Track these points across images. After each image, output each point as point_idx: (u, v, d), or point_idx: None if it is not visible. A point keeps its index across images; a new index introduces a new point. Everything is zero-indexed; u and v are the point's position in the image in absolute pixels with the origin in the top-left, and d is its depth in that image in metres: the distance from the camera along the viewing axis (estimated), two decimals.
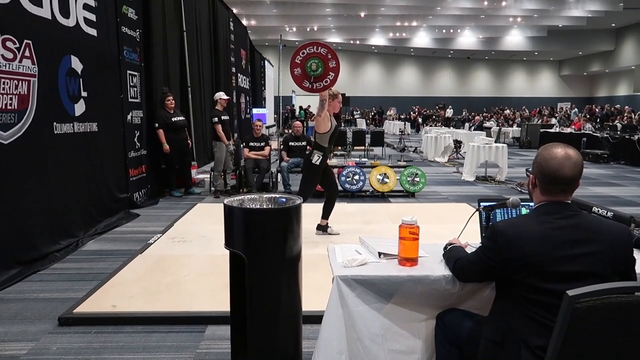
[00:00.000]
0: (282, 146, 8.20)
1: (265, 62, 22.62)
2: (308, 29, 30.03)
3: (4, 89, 3.90)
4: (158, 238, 4.90)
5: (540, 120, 21.54)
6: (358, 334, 2.01)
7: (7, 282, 3.68)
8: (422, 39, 32.11)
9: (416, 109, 32.04)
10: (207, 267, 4.02)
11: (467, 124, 22.33)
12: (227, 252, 2.14)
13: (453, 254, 1.97)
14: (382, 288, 1.99)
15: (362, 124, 25.93)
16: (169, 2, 8.12)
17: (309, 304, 2.44)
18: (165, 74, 7.91)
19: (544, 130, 17.03)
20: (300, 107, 28.73)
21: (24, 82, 4.14)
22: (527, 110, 27.88)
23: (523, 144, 17.74)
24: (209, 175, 7.89)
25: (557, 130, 16.84)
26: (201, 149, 10.11)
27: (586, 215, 1.68)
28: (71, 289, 3.59)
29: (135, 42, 6.62)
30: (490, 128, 19.26)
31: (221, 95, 7.69)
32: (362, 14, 26.67)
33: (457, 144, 13.45)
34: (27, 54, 4.17)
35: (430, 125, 21.22)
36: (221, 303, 3.09)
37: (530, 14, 26.18)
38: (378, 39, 32.14)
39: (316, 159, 4.53)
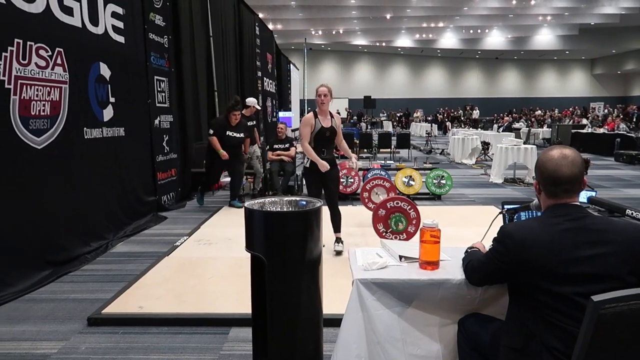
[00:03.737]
0: None
1: (291, 65, 22.75)
2: (334, 32, 30.11)
3: (37, 95, 4.04)
4: (184, 240, 4.98)
5: (571, 120, 21.02)
6: (378, 338, 1.99)
7: (39, 282, 3.80)
8: (449, 40, 31.78)
9: (443, 110, 31.66)
10: (231, 270, 4.06)
11: (495, 125, 21.96)
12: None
13: (469, 257, 1.95)
14: (403, 292, 1.98)
15: (388, 126, 25.82)
16: (195, 9, 8.26)
17: (330, 307, 2.44)
18: (193, 78, 8.04)
19: (575, 130, 16.62)
20: None
21: (56, 89, 4.28)
22: (557, 111, 27.24)
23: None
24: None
25: (590, 130, 16.40)
26: None
27: (596, 217, 1.65)
28: (100, 290, 3.69)
29: (163, 48, 6.75)
30: (519, 129, 18.88)
31: (254, 103, 7.60)
32: (388, 16, 26.55)
33: (485, 145, 13.25)
34: (58, 61, 4.31)
35: (458, 127, 20.94)
36: (245, 305, 3.10)
37: (560, 12, 25.61)
38: (404, 41, 31.94)
39: (305, 161, 4.50)
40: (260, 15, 16.27)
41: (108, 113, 5.14)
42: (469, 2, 24.12)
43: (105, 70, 5.09)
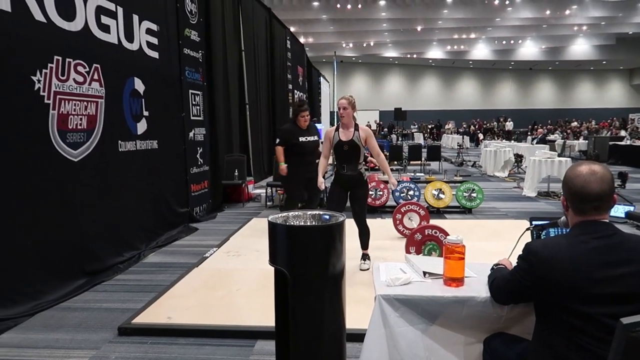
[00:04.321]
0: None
1: (321, 78, 22.93)
2: (364, 44, 30.24)
3: (75, 110, 4.20)
4: (214, 252, 5.05)
5: (609, 132, 20.39)
6: (401, 355, 1.97)
7: (74, 291, 3.92)
8: (481, 51, 31.47)
9: (475, 122, 31.23)
10: (259, 282, 4.09)
11: (529, 137, 21.51)
12: None
13: (494, 274, 1.91)
14: (426, 309, 1.96)
15: (419, 138, 25.63)
16: (228, 24, 8.46)
17: (354, 322, 2.43)
18: (225, 92, 8.21)
19: (613, 143, 16.11)
20: None
21: (92, 103, 4.44)
22: (594, 122, 26.48)
23: (590, 158, 16.82)
24: (264, 191, 8.06)
25: (628, 142, 15.87)
26: (258, 165, 10.36)
27: (626, 234, 1.60)
28: (131, 300, 3.77)
29: (198, 63, 6.93)
30: (554, 141, 18.44)
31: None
32: (419, 28, 26.52)
33: (518, 158, 12.98)
34: (95, 77, 4.48)
35: (490, 139, 20.60)
36: (271, 318, 3.09)
37: (596, 21, 25.04)
38: (435, 52, 31.81)
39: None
40: (292, 29, 16.51)
41: (142, 126, 5.30)
42: (502, 13, 23.86)
43: (139, 85, 5.25)
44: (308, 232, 2.11)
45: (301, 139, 5.36)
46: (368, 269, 4.37)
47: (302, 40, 21.36)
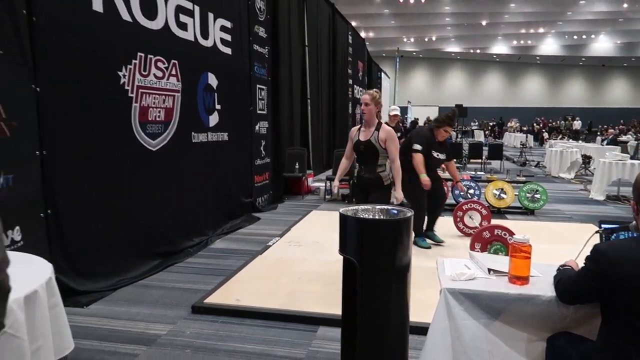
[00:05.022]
0: None
1: (381, 73, 22.83)
2: (426, 39, 29.78)
3: (154, 103, 4.51)
4: (276, 241, 5.26)
5: None
6: (464, 347, 2.05)
7: (150, 271, 4.24)
8: (549, 46, 30.18)
9: (540, 120, 30.03)
10: (319, 272, 4.25)
11: (598, 138, 20.47)
12: (338, 258, 2.30)
13: (560, 275, 1.94)
14: (490, 304, 2.02)
15: (480, 136, 25.00)
16: (293, 20, 8.66)
17: (414, 316, 2.51)
18: (289, 86, 8.44)
19: None
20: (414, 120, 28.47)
21: (170, 97, 4.75)
22: None
23: None
24: (323, 184, 8.24)
25: None
26: (317, 158, 10.55)
27: None
28: (202, 282, 4.03)
29: (264, 58, 7.17)
30: (626, 142, 17.47)
31: (394, 110, 7.32)
32: (484, 22, 25.79)
33: (586, 159, 12.44)
34: (173, 72, 4.78)
35: (556, 138, 19.78)
36: (331, 306, 3.31)
37: None
38: (500, 47, 30.84)
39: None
40: (353, 24, 16.55)
41: (214, 119, 5.59)
42: (573, 7, 22.77)
43: (212, 80, 5.54)
44: (377, 225, 2.22)
45: (434, 153, 4.97)
46: None
47: (362, 34, 21.34)
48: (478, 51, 32.01)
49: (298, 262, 4.56)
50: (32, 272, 2.07)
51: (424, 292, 3.23)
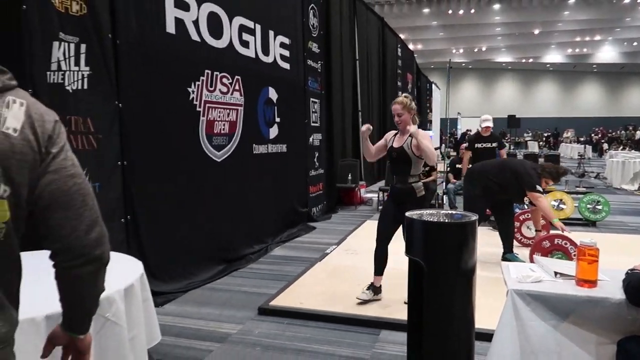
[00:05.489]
0: (448, 168, 8.27)
1: (430, 84, 22.72)
2: (476, 50, 29.42)
3: (219, 117, 4.78)
4: (333, 249, 5.39)
5: None
6: (532, 347, 2.09)
7: (216, 275, 4.47)
8: (607, 54, 29.08)
9: (598, 130, 28.87)
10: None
11: None
12: (394, 266, 2.39)
13: (629, 278, 1.95)
14: (558, 306, 2.06)
15: (533, 147, 24.33)
16: (345, 35, 8.87)
17: (478, 322, 2.55)
18: (340, 99, 8.63)
19: None
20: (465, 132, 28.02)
21: (233, 111, 5.01)
22: None
23: None
24: (375, 195, 8.32)
25: None
26: (369, 169, 10.64)
27: None
28: (265, 286, 4.21)
29: (317, 73, 7.40)
30: None
31: (486, 121, 7.00)
32: (536, 31, 25.23)
33: None
34: (237, 87, 5.05)
35: (617, 149, 18.98)
36: (390, 312, 3.47)
37: None
38: (554, 56, 30.01)
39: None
40: (402, 36, 16.64)
41: (274, 131, 5.84)
42: (632, 12, 21.92)
43: (273, 94, 5.80)
44: (443, 228, 2.30)
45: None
46: (366, 301, 3.66)
47: (411, 47, 21.37)
48: (530, 60, 31.26)
49: (356, 269, 4.65)
50: (127, 268, 2.30)
51: (486, 299, 3.26)
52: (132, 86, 3.71)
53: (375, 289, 3.73)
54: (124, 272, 2.21)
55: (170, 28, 4.14)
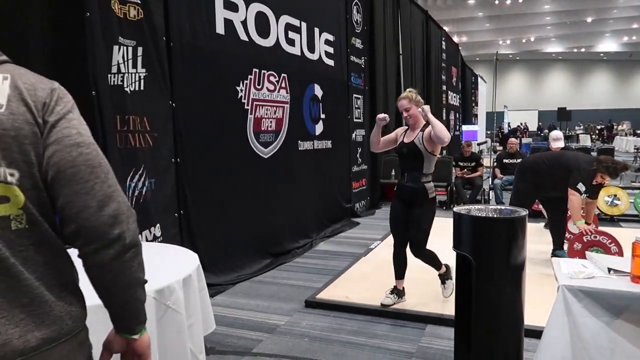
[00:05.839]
0: (495, 163, 8.11)
1: (476, 77, 22.24)
2: (524, 40, 28.54)
3: (266, 114, 4.90)
4: (378, 244, 5.42)
5: None
6: (584, 344, 2.07)
7: (263, 269, 4.59)
8: None
9: None
10: (421, 275, 4.30)
11: None
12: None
13: None
14: (611, 302, 2.03)
15: (585, 140, 23.39)
16: (388, 30, 8.83)
17: (527, 318, 2.53)
18: (384, 95, 8.61)
19: None
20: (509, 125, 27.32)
21: (280, 108, 5.12)
22: None
23: None
24: None
25: None
26: None
27: None
28: (310, 280, 4.30)
29: (360, 69, 7.42)
30: None
31: (557, 141, 6.36)
32: (589, 19, 24.19)
33: None
34: (283, 85, 5.15)
35: None
36: (436, 307, 3.52)
37: None
38: (608, 45, 28.71)
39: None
40: (446, 29, 16.35)
41: (319, 128, 5.92)
42: None
43: (318, 91, 5.89)
44: (492, 223, 2.31)
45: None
46: (389, 305, 3.57)
47: (455, 39, 20.95)
48: (582, 50, 30.02)
49: None
50: (184, 260, 2.42)
51: (535, 296, 3.22)
52: (184, 86, 3.86)
53: (398, 292, 3.68)
54: (181, 263, 2.34)
55: (220, 29, 4.27)
